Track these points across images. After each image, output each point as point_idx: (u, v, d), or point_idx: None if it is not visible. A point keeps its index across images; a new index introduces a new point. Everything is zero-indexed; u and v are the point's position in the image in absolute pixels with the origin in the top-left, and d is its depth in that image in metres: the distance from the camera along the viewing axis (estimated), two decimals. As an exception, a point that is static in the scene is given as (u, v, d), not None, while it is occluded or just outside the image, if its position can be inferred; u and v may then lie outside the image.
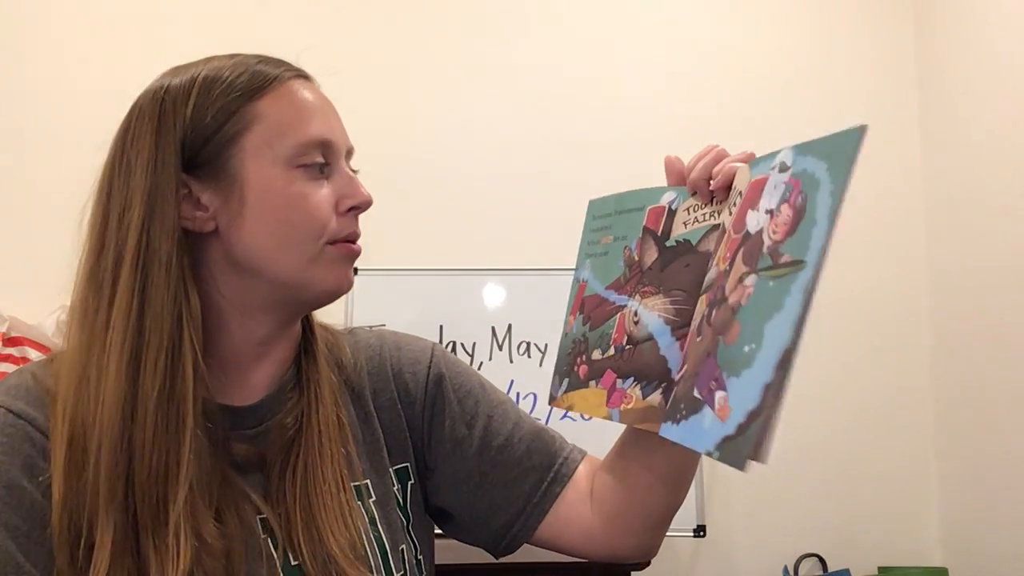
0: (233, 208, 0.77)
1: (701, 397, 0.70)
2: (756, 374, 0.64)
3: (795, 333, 0.62)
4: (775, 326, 0.64)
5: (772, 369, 0.63)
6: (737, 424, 0.64)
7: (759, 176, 0.73)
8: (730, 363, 0.68)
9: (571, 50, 2.26)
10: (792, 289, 0.63)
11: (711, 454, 0.67)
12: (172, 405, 0.74)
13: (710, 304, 0.74)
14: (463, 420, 0.90)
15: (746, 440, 0.63)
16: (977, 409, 2.05)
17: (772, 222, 0.69)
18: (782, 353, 0.62)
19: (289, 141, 0.78)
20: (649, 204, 0.87)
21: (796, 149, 0.70)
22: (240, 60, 0.80)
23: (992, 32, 2.01)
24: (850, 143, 0.64)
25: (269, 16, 2.20)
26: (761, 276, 0.67)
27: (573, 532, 0.89)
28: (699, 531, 1.89)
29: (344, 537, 0.79)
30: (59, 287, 0.82)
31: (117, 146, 0.79)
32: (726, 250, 0.75)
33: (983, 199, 2.02)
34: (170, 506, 0.72)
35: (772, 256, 0.67)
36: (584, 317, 0.91)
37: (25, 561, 0.71)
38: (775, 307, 0.64)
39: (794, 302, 0.63)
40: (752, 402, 0.63)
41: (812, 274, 0.62)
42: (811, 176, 0.66)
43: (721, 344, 0.70)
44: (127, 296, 0.74)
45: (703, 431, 0.69)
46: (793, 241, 0.65)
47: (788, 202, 0.67)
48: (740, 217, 0.74)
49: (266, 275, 0.79)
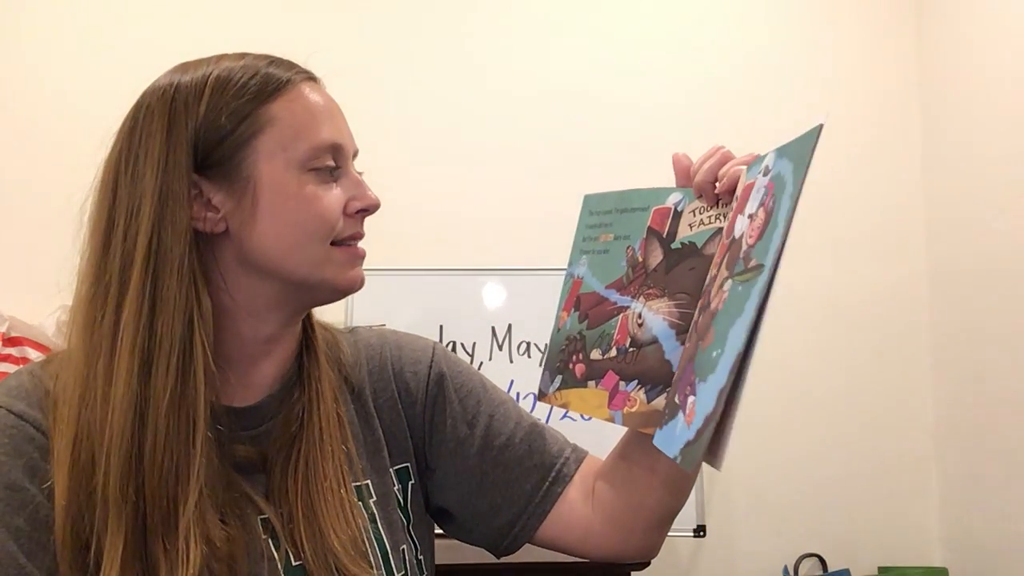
0: (246, 210, 0.77)
1: (678, 403, 0.71)
2: (716, 379, 0.64)
3: (748, 337, 0.62)
4: (735, 330, 0.64)
5: (727, 374, 0.63)
6: (696, 429, 0.65)
7: (751, 180, 0.73)
8: (701, 368, 0.68)
9: (571, 50, 2.25)
10: (752, 293, 0.64)
11: (676, 459, 0.67)
12: (183, 409, 0.73)
13: (700, 310, 0.75)
14: (464, 419, 0.90)
15: (700, 444, 0.64)
16: (977, 409, 2.04)
17: (750, 227, 0.69)
18: (735, 357, 0.62)
19: (302, 145, 0.78)
20: (654, 205, 0.86)
21: (777, 152, 0.70)
22: (251, 61, 0.80)
23: (993, 33, 2.01)
24: (807, 142, 0.64)
25: (265, 14, 2.20)
26: (735, 281, 0.68)
27: (574, 532, 0.89)
28: (699, 531, 1.89)
29: (345, 533, 0.79)
30: (59, 287, 0.81)
31: (123, 144, 0.78)
32: (719, 255, 0.75)
33: (983, 199, 2.02)
34: (180, 510, 0.72)
35: (744, 261, 0.67)
36: (580, 314, 0.91)
37: (28, 563, 0.71)
38: (738, 312, 0.65)
39: (750, 306, 0.63)
40: (709, 407, 0.64)
41: (767, 278, 0.63)
42: (781, 178, 0.67)
43: (699, 350, 0.70)
44: (138, 298, 0.74)
45: (674, 436, 0.69)
46: (760, 245, 0.66)
47: (764, 206, 0.68)
48: (731, 222, 0.74)
49: (278, 275, 0.79)
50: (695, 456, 0.64)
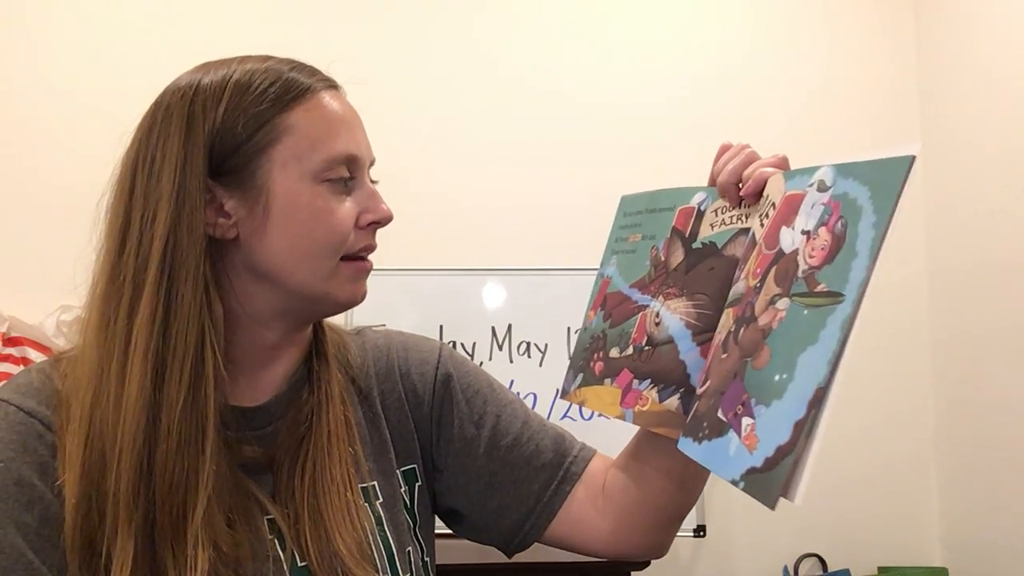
0: (257, 218, 0.77)
1: (726, 420, 0.67)
2: (787, 407, 0.61)
3: (830, 371, 0.59)
4: (809, 359, 0.61)
5: (805, 405, 0.59)
6: (765, 458, 0.61)
7: (795, 191, 0.70)
8: (759, 390, 0.65)
9: (571, 51, 2.25)
10: (828, 323, 0.60)
11: (736, 483, 0.64)
12: (195, 416, 0.73)
13: (737, 321, 0.71)
14: (471, 420, 0.90)
15: (775, 477, 0.60)
16: (977, 409, 2.05)
17: (808, 245, 0.65)
18: (815, 390, 0.59)
19: (318, 156, 0.77)
20: (680, 204, 0.85)
21: (837, 169, 0.66)
22: (273, 65, 0.79)
23: (992, 34, 2.02)
24: (896, 171, 0.60)
25: (273, 17, 2.19)
26: (795, 301, 0.64)
27: (583, 531, 0.89)
28: (699, 531, 1.89)
29: (351, 537, 0.79)
30: (59, 287, 0.81)
31: (141, 142, 0.78)
32: (756, 264, 0.72)
33: (983, 200, 2.03)
34: (189, 517, 0.72)
35: (808, 282, 0.64)
36: (605, 313, 0.91)
37: (35, 558, 0.71)
38: (810, 339, 0.61)
39: (830, 337, 0.60)
40: (782, 437, 0.60)
41: (851, 311, 0.59)
42: (852, 202, 0.63)
43: (749, 367, 0.67)
44: (152, 302, 0.73)
45: (727, 457, 0.66)
46: (831, 270, 0.62)
47: (827, 226, 0.64)
48: (773, 232, 0.70)
49: (283, 285, 0.79)
50: (771, 487, 0.60)
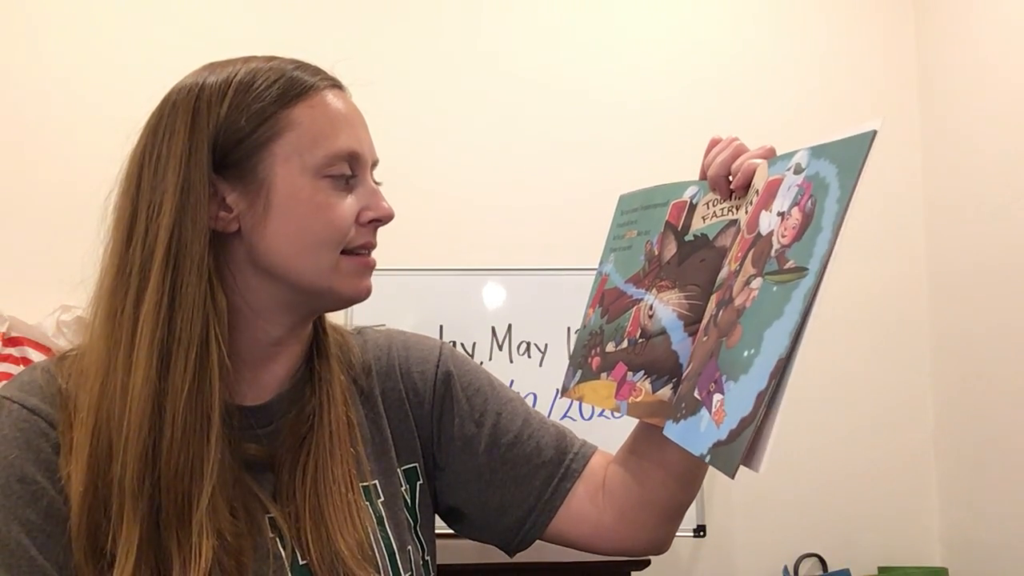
0: (258, 212, 0.78)
1: (700, 398, 0.70)
2: (752, 381, 0.64)
3: (791, 342, 0.61)
4: (774, 333, 0.63)
5: (767, 377, 0.62)
6: (729, 430, 0.64)
7: (775, 176, 0.73)
8: (730, 367, 0.67)
9: (572, 51, 2.26)
10: (793, 297, 0.63)
11: (704, 457, 0.67)
12: (200, 405, 0.74)
13: (719, 304, 0.74)
14: (472, 418, 0.90)
15: (736, 447, 0.63)
16: (977, 409, 2.05)
17: (782, 225, 0.68)
18: (776, 362, 0.62)
19: (319, 151, 0.78)
20: (673, 199, 0.87)
21: (812, 151, 0.69)
22: (277, 64, 0.81)
23: (992, 34, 2.02)
24: (860, 147, 0.63)
25: (266, 18, 2.20)
26: (767, 280, 0.67)
27: (585, 527, 0.89)
28: (699, 531, 1.89)
29: (352, 537, 0.79)
30: (59, 287, 0.82)
31: (148, 138, 0.79)
32: (738, 250, 0.74)
33: (983, 200, 2.03)
34: (194, 505, 0.73)
35: (778, 260, 0.66)
36: (603, 310, 0.92)
37: (39, 555, 0.72)
38: (776, 314, 0.64)
39: (793, 310, 0.62)
40: (745, 409, 0.63)
41: (813, 283, 0.62)
42: (822, 180, 0.65)
43: (723, 347, 0.69)
44: (157, 293, 0.74)
45: (699, 433, 0.68)
46: (799, 247, 0.65)
47: (799, 205, 0.67)
48: (754, 217, 0.73)
49: (284, 278, 0.79)
50: (731, 458, 0.63)
